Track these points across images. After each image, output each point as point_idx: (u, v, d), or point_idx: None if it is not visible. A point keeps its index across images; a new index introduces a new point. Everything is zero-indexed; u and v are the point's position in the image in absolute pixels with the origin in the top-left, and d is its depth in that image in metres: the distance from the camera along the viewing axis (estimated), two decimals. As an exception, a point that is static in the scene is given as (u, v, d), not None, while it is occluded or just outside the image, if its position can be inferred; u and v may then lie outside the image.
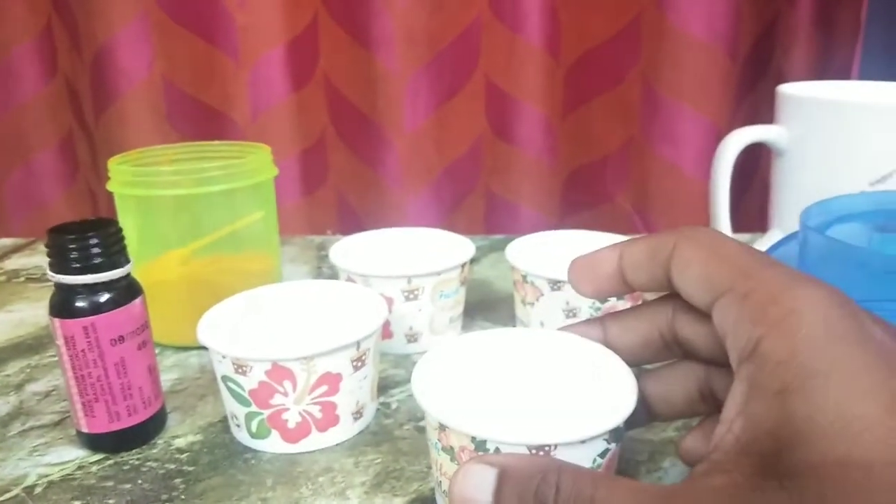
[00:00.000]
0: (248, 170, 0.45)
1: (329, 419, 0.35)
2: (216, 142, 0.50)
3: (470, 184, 0.83)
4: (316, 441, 0.35)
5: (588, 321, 0.30)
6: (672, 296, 0.26)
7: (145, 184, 0.43)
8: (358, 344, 0.34)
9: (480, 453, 0.25)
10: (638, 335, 0.28)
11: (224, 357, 0.33)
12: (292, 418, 0.34)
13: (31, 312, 0.52)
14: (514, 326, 0.47)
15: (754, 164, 0.73)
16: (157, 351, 0.37)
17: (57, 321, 0.33)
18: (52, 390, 0.41)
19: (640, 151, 0.77)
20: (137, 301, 0.34)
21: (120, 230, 0.34)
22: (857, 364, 0.19)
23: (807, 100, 0.42)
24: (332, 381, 0.34)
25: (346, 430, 0.36)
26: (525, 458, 0.22)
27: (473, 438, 0.25)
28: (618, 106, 0.78)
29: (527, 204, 0.81)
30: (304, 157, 0.82)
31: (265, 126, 0.79)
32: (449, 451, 0.27)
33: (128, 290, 0.34)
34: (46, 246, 0.33)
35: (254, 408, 0.34)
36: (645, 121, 0.76)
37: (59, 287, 0.33)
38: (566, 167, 0.81)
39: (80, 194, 0.85)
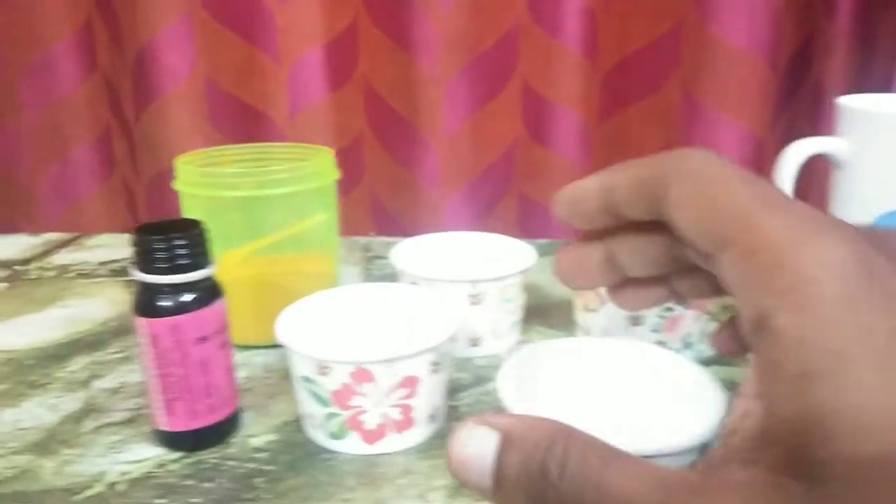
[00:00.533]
0: (312, 172, 0.45)
1: (407, 421, 0.35)
2: (278, 143, 0.51)
3: (504, 187, 0.83)
4: (393, 443, 0.35)
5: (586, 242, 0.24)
6: None
7: (212, 184, 0.43)
8: (437, 348, 0.35)
9: None
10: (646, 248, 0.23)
11: (306, 358, 0.34)
12: (371, 420, 0.34)
13: (87, 308, 0.53)
14: (574, 332, 0.47)
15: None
16: (232, 350, 0.37)
17: (144, 320, 0.33)
18: (120, 387, 0.42)
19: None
20: (220, 301, 0.35)
21: (205, 231, 0.34)
22: (886, 344, 0.16)
23: (872, 114, 0.43)
24: (411, 383, 0.34)
25: (421, 432, 0.36)
26: (530, 421, 0.20)
27: None
28: (656, 112, 0.78)
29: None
30: (339, 157, 0.82)
31: (302, 125, 0.80)
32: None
33: (212, 291, 0.34)
34: (132, 245, 0.33)
35: (334, 408, 0.34)
36: (684, 128, 0.76)
37: (144, 286, 0.34)
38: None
39: (117, 191, 0.85)
